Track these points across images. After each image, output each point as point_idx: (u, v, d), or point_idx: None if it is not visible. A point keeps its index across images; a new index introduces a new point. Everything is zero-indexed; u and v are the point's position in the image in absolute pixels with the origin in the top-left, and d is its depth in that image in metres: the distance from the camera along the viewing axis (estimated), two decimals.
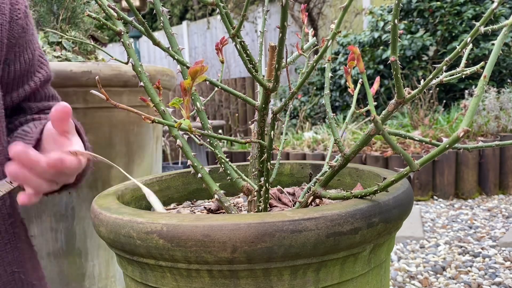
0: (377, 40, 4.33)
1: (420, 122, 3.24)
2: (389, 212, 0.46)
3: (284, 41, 0.41)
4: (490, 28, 0.46)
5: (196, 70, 0.39)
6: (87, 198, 1.16)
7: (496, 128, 2.99)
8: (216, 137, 0.50)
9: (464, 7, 4.00)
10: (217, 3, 0.43)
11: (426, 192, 2.77)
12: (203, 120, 0.59)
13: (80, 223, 1.15)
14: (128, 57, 0.56)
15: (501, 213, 2.36)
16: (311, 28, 0.73)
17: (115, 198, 0.55)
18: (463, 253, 1.81)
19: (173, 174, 0.72)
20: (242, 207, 0.65)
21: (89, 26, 1.36)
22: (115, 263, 1.23)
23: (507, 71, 3.96)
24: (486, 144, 0.44)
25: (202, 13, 9.04)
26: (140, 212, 0.46)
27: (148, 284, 0.48)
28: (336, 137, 0.52)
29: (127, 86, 1.21)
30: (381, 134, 0.41)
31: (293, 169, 0.76)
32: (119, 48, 8.48)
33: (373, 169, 0.64)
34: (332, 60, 4.27)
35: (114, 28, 0.55)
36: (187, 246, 0.41)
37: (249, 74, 0.74)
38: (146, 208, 0.66)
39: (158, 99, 0.55)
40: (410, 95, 0.42)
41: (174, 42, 0.57)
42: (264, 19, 0.61)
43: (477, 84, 0.42)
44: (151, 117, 0.44)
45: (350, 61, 0.48)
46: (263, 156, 0.50)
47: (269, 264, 0.42)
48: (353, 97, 0.58)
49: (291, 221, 0.41)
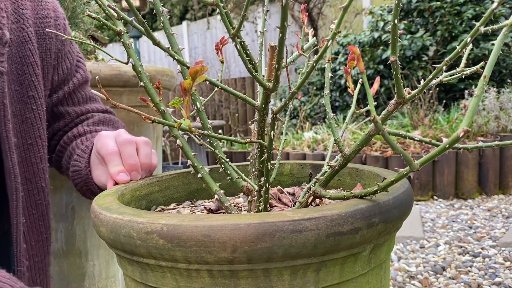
0: (377, 40, 4.33)
1: (420, 122, 3.24)
2: (389, 212, 0.46)
3: (284, 41, 0.41)
4: (490, 28, 0.46)
5: (196, 70, 0.39)
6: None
7: (496, 128, 2.99)
8: (216, 137, 0.50)
9: (464, 7, 4.00)
10: (217, 3, 0.43)
11: (426, 192, 2.77)
12: (203, 120, 0.59)
13: (80, 223, 1.15)
14: (128, 57, 0.56)
15: (501, 213, 2.36)
16: (311, 28, 0.73)
17: (115, 198, 0.55)
18: (463, 253, 1.81)
19: (173, 174, 0.72)
20: (242, 207, 0.65)
21: (89, 26, 1.36)
22: (115, 263, 1.23)
23: (507, 71, 3.96)
24: (486, 144, 0.44)
25: (202, 13, 9.04)
26: (140, 212, 0.46)
27: (148, 284, 0.48)
28: (336, 137, 0.52)
29: (127, 86, 1.22)
30: (381, 134, 0.41)
31: (293, 169, 0.76)
32: (119, 48, 8.48)
33: (373, 169, 0.64)
34: (332, 60, 4.27)
35: (114, 28, 0.55)
36: (187, 246, 0.41)
37: (249, 74, 0.74)
38: (146, 208, 0.66)
39: (158, 99, 0.55)
40: (410, 95, 0.42)
41: (174, 42, 0.57)
42: (264, 19, 0.61)
43: (477, 84, 0.42)
44: (151, 117, 0.44)
45: (350, 61, 0.48)
46: (263, 156, 0.50)
47: (269, 264, 0.42)
48: (353, 97, 0.58)
49: (291, 221, 0.41)
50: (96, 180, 0.75)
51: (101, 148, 0.71)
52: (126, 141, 0.70)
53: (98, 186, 0.76)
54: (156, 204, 0.68)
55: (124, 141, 0.70)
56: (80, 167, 0.79)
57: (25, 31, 0.79)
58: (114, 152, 0.69)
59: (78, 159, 0.80)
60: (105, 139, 0.72)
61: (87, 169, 0.77)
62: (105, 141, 0.72)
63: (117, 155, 0.69)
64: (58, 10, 0.87)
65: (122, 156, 0.69)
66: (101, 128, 0.89)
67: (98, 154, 0.73)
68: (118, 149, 0.70)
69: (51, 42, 0.84)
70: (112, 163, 0.68)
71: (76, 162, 0.80)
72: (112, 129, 0.91)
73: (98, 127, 0.89)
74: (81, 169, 0.78)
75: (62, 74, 0.88)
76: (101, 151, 0.71)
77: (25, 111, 0.79)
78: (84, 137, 0.86)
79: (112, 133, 0.74)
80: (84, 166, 0.78)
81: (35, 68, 0.80)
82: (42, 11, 0.83)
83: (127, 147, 0.69)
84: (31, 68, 0.79)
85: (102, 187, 0.75)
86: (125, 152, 0.69)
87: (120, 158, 0.69)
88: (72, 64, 0.91)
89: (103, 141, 0.72)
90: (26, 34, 0.79)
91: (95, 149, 0.74)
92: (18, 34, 0.78)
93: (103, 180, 0.73)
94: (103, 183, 0.73)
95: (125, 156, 0.69)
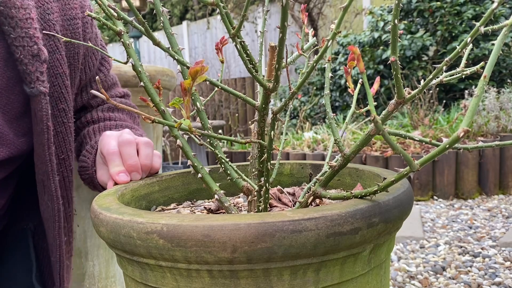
0: (377, 40, 4.33)
1: (420, 122, 3.24)
2: (389, 212, 0.46)
3: (284, 41, 0.41)
4: (490, 28, 0.46)
5: (196, 70, 0.39)
6: (87, 198, 1.16)
7: (496, 128, 2.99)
8: (216, 137, 0.50)
9: (464, 7, 4.00)
10: (217, 3, 0.43)
11: (426, 192, 2.77)
12: (203, 120, 0.59)
13: (80, 223, 1.15)
14: (128, 57, 0.56)
15: (501, 213, 2.36)
16: (311, 28, 0.73)
17: (115, 198, 0.55)
18: (463, 253, 1.81)
19: (173, 174, 0.72)
20: (242, 207, 0.65)
21: None
22: (115, 263, 1.23)
23: (507, 71, 3.96)
24: (486, 144, 0.44)
25: (202, 13, 9.04)
26: (140, 212, 0.46)
27: (148, 284, 0.48)
28: (336, 137, 0.52)
29: (127, 86, 1.22)
30: (381, 134, 0.41)
31: (293, 169, 0.76)
32: (119, 48, 8.50)
33: (373, 169, 0.64)
34: (332, 60, 4.27)
35: (114, 28, 0.55)
36: (187, 246, 0.41)
37: (249, 74, 0.74)
38: (146, 208, 0.66)
39: (158, 99, 0.55)
40: (410, 95, 0.42)
41: (174, 42, 0.57)
42: (264, 19, 0.61)
43: (477, 84, 0.42)
44: (151, 117, 0.44)
45: (350, 61, 0.48)
46: (263, 156, 0.50)
47: (269, 264, 0.42)
48: (353, 97, 0.58)
49: (291, 221, 0.41)
50: (100, 180, 0.75)
51: (103, 148, 0.71)
52: (126, 142, 0.70)
53: (101, 186, 0.77)
54: (156, 204, 0.68)
55: (124, 141, 0.70)
56: (88, 164, 0.79)
57: (52, 40, 0.74)
58: (114, 152, 0.69)
59: (87, 154, 0.80)
60: (108, 139, 0.72)
61: (93, 168, 0.77)
62: (107, 141, 0.72)
63: (117, 155, 0.69)
64: (85, 5, 0.83)
65: (122, 156, 0.69)
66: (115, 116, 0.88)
67: (101, 154, 0.73)
68: (119, 149, 0.70)
69: (79, 45, 0.80)
70: (113, 163, 0.68)
71: (84, 158, 0.80)
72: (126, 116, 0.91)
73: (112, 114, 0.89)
74: (88, 166, 0.78)
75: (90, 72, 0.86)
76: (103, 151, 0.71)
77: (56, 125, 0.76)
78: (97, 126, 0.85)
79: (115, 133, 0.74)
80: (91, 165, 0.78)
81: (64, 79, 0.76)
82: (70, 11, 0.79)
83: (127, 148, 0.69)
84: (60, 80, 0.75)
85: (104, 186, 0.75)
86: (125, 152, 0.69)
87: (120, 159, 0.69)
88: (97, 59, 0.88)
89: (105, 141, 0.72)
90: (53, 43, 0.74)
91: (99, 149, 0.75)
92: (45, 43, 0.73)
93: (105, 180, 0.73)
94: (105, 183, 0.74)
95: (125, 157, 0.68)
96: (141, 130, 0.88)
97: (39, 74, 0.69)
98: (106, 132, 0.75)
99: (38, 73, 0.68)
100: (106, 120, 0.87)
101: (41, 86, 0.69)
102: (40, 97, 0.69)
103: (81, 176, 0.81)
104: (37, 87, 0.68)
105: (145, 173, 0.71)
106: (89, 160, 0.79)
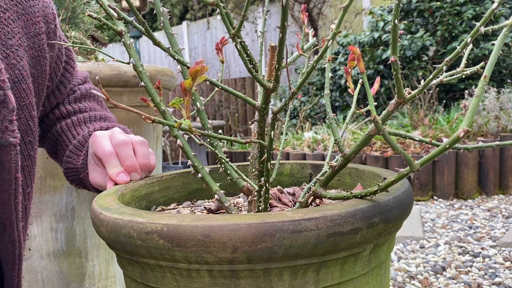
0: (377, 40, 4.33)
1: (420, 122, 3.24)
2: (389, 212, 0.46)
3: (284, 41, 0.41)
4: (490, 28, 0.46)
5: (196, 70, 0.39)
6: (87, 198, 1.16)
7: (496, 128, 2.99)
8: (216, 137, 0.50)
9: (464, 7, 4.00)
10: (217, 3, 0.43)
11: (426, 192, 2.77)
12: (203, 120, 0.59)
13: (80, 223, 1.15)
14: (129, 57, 0.56)
15: (501, 213, 2.36)
16: (311, 28, 0.73)
17: (115, 198, 0.55)
18: (463, 253, 1.81)
19: (173, 174, 0.72)
20: (242, 207, 0.65)
21: (89, 26, 1.36)
22: (115, 263, 1.23)
23: (507, 71, 3.96)
24: (486, 144, 0.44)
25: (202, 13, 9.04)
26: (140, 212, 0.46)
27: (148, 284, 0.48)
28: (336, 137, 0.52)
29: (127, 86, 1.22)
30: (381, 134, 0.41)
31: (293, 169, 0.76)
32: (119, 48, 8.50)
33: (373, 169, 0.64)
34: (332, 60, 4.27)
35: (114, 28, 0.55)
36: (187, 246, 0.41)
37: (249, 74, 0.74)
38: (146, 208, 0.66)
39: (158, 99, 0.55)
40: (410, 95, 0.42)
41: (174, 42, 0.57)
42: (264, 19, 0.61)
43: (477, 84, 0.42)
44: (151, 117, 0.44)
45: (350, 61, 0.48)
46: (263, 156, 0.50)
47: (269, 264, 0.42)
48: (353, 97, 0.58)
49: (291, 221, 0.41)
50: (93, 182, 0.74)
51: (97, 149, 0.70)
52: (122, 143, 0.69)
53: (93, 187, 0.76)
54: (156, 204, 0.68)
55: (119, 142, 0.69)
56: (76, 166, 0.77)
57: (17, 68, 0.65)
58: (111, 153, 0.68)
59: (72, 156, 0.78)
60: (100, 139, 0.70)
61: (85, 171, 0.76)
62: (101, 142, 0.70)
63: (114, 156, 0.68)
64: (48, 12, 0.74)
65: (119, 158, 0.68)
66: (84, 106, 0.85)
67: (94, 156, 0.72)
68: (115, 150, 0.69)
69: (45, 61, 0.73)
70: (110, 165, 0.68)
71: (69, 159, 0.78)
72: (94, 104, 0.88)
73: (81, 104, 0.86)
74: (78, 168, 0.77)
75: (56, 78, 0.82)
76: (97, 152, 0.70)
77: (23, 159, 0.69)
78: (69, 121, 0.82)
79: (106, 133, 0.72)
80: (81, 167, 0.76)
81: (31, 110, 0.68)
82: (33, 26, 0.70)
83: (123, 149, 0.68)
84: (26, 112, 0.67)
85: (97, 187, 0.74)
86: (122, 153, 0.68)
87: (117, 159, 0.68)
88: (62, 63, 0.83)
89: (98, 142, 0.70)
90: (19, 71, 0.65)
91: (91, 151, 0.73)
92: (10, 73, 0.64)
93: (99, 182, 0.72)
94: (99, 184, 0.73)
95: (122, 158, 0.68)
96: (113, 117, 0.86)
97: (8, 123, 0.60)
98: (96, 132, 0.72)
99: (6, 122, 0.60)
100: (77, 113, 0.84)
101: (10, 136, 0.60)
102: (10, 148, 0.61)
103: (68, 177, 0.79)
104: (6, 137, 0.60)
105: (144, 172, 0.70)
106: (77, 162, 0.77)
